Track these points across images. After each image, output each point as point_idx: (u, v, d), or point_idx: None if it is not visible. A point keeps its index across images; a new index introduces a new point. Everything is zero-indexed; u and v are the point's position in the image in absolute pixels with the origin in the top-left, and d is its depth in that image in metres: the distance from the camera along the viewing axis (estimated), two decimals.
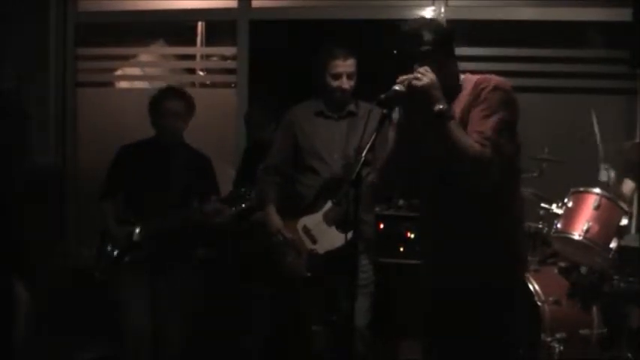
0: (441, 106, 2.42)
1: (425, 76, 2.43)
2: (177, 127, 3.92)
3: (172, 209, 3.80)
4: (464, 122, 2.52)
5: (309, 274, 3.77)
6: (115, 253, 3.85)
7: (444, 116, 2.43)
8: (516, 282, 2.79)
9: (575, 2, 4.86)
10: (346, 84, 3.72)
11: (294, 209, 3.85)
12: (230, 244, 4.56)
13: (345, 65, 3.71)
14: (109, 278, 3.91)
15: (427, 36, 2.53)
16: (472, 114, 2.52)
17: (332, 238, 3.69)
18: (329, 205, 3.76)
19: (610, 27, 4.85)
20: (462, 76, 2.66)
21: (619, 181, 4.10)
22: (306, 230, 3.80)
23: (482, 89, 2.53)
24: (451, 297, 2.63)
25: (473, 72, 2.71)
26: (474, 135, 2.45)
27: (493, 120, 2.47)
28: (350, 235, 2.95)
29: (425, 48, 2.52)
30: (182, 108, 3.91)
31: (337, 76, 3.71)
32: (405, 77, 2.46)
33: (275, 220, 3.83)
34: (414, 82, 2.43)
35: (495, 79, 2.57)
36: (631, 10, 4.37)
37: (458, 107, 2.55)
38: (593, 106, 4.82)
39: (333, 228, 3.73)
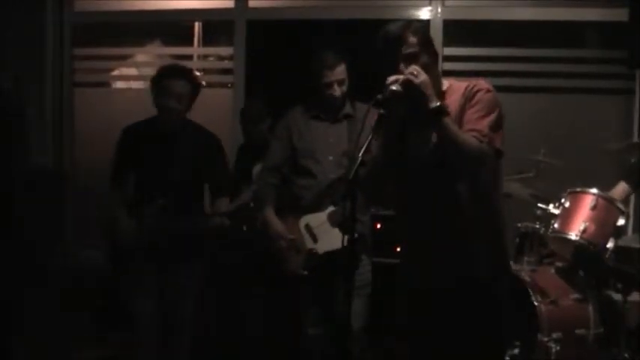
0: (438, 103, 2.45)
1: (420, 73, 2.46)
2: (178, 108, 3.74)
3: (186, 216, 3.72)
4: (457, 125, 2.55)
5: (305, 273, 3.77)
6: (126, 245, 3.74)
7: (442, 112, 2.45)
8: (505, 278, 2.82)
9: (572, 2, 4.86)
10: (337, 91, 3.73)
11: (294, 208, 3.85)
12: (228, 243, 4.56)
13: (335, 74, 3.70)
14: (120, 271, 3.85)
15: (411, 38, 2.56)
16: (467, 115, 2.57)
17: (334, 239, 3.67)
18: (333, 206, 3.76)
19: (608, 27, 4.85)
20: (446, 83, 2.70)
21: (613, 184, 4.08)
22: (308, 228, 3.80)
23: (476, 92, 2.59)
24: (440, 295, 2.64)
25: (456, 77, 2.75)
26: (472, 133, 2.51)
27: (489, 119, 2.54)
28: (347, 235, 2.94)
29: (410, 50, 2.55)
30: (185, 88, 3.73)
31: (328, 85, 3.71)
32: (396, 77, 2.46)
33: (276, 223, 3.82)
34: (411, 78, 2.44)
35: (486, 82, 2.64)
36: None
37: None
38: (590, 106, 4.85)
39: (337, 229, 3.72)
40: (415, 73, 2.45)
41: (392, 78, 2.46)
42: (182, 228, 3.71)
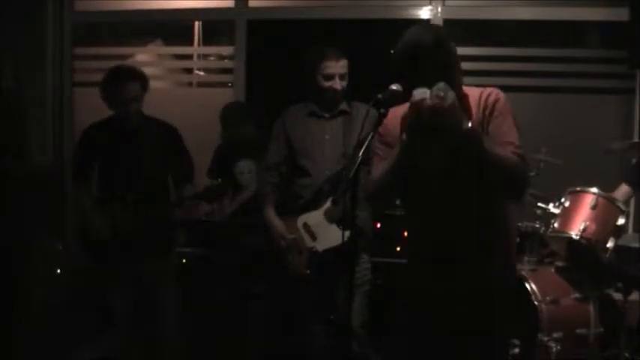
0: (469, 124, 2.36)
1: (447, 93, 2.26)
2: (137, 108, 3.83)
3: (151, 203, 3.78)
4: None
5: (308, 272, 3.77)
6: (99, 244, 3.81)
7: (475, 134, 2.38)
8: (513, 282, 2.82)
9: (572, 2, 4.86)
10: (338, 85, 3.72)
11: (292, 207, 3.85)
12: (228, 243, 4.56)
13: (338, 66, 3.70)
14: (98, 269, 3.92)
15: (438, 56, 2.46)
16: (493, 125, 2.51)
17: (332, 236, 3.69)
18: (330, 203, 3.76)
19: (608, 27, 4.85)
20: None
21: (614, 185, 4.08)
22: (307, 227, 3.81)
23: (495, 102, 2.53)
24: (451, 298, 2.63)
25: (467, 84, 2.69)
26: (507, 147, 2.47)
27: (517, 131, 2.53)
28: (347, 233, 2.95)
29: (437, 72, 2.41)
30: (138, 88, 3.81)
31: (329, 77, 3.70)
32: (422, 94, 2.29)
33: (276, 222, 3.83)
34: (438, 102, 2.24)
35: (499, 91, 2.59)
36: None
37: None
38: (591, 106, 4.85)
39: (334, 226, 3.73)
40: (442, 94, 2.24)
41: (417, 97, 2.29)
42: (153, 220, 3.77)
